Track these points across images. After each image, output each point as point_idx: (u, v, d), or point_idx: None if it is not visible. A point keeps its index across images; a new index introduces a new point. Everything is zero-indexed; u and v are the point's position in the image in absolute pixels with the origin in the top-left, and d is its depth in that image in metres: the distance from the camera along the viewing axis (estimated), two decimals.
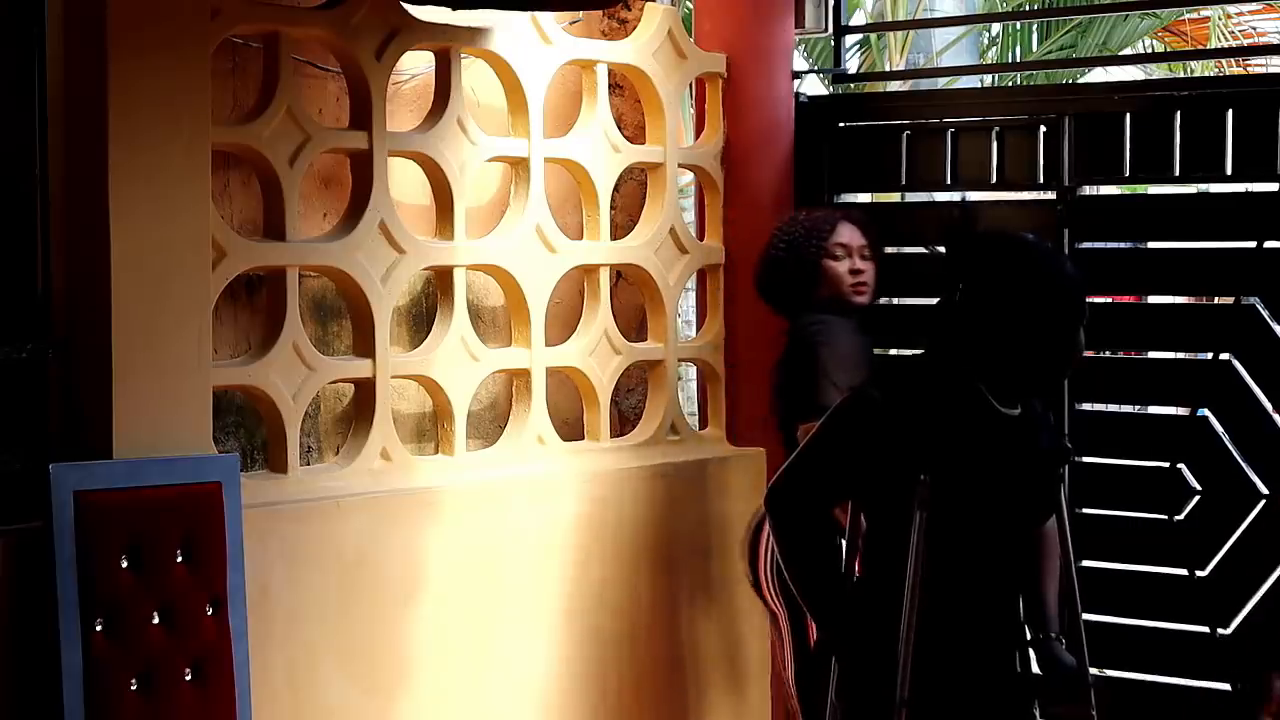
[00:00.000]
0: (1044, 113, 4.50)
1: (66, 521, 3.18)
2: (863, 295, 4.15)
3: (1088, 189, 4.65)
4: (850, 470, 2.96)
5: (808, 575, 3.01)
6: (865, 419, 2.95)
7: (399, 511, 3.85)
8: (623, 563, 4.35)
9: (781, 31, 4.79)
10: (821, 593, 3.01)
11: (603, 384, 4.42)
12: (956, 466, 2.88)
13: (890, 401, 2.95)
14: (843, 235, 4.14)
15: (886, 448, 2.91)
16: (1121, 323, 4.51)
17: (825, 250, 4.11)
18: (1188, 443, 4.32)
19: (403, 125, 4.09)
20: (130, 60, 3.33)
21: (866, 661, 2.95)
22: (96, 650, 3.20)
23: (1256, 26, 11.57)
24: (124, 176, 3.33)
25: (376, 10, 3.85)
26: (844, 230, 4.15)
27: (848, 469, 2.96)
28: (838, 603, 3.00)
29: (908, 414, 2.91)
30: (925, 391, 2.94)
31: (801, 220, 4.22)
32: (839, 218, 4.20)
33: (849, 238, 4.14)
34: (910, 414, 2.91)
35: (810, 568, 3.00)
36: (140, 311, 3.36)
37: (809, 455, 3.01)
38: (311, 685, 3.67)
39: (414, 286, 4.32)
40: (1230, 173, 4.28)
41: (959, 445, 2.89)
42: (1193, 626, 4.28)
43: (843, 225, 4.16)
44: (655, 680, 4.45)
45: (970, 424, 2.90)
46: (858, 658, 2.98)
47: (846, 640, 3.00)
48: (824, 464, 2.98)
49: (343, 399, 4.21)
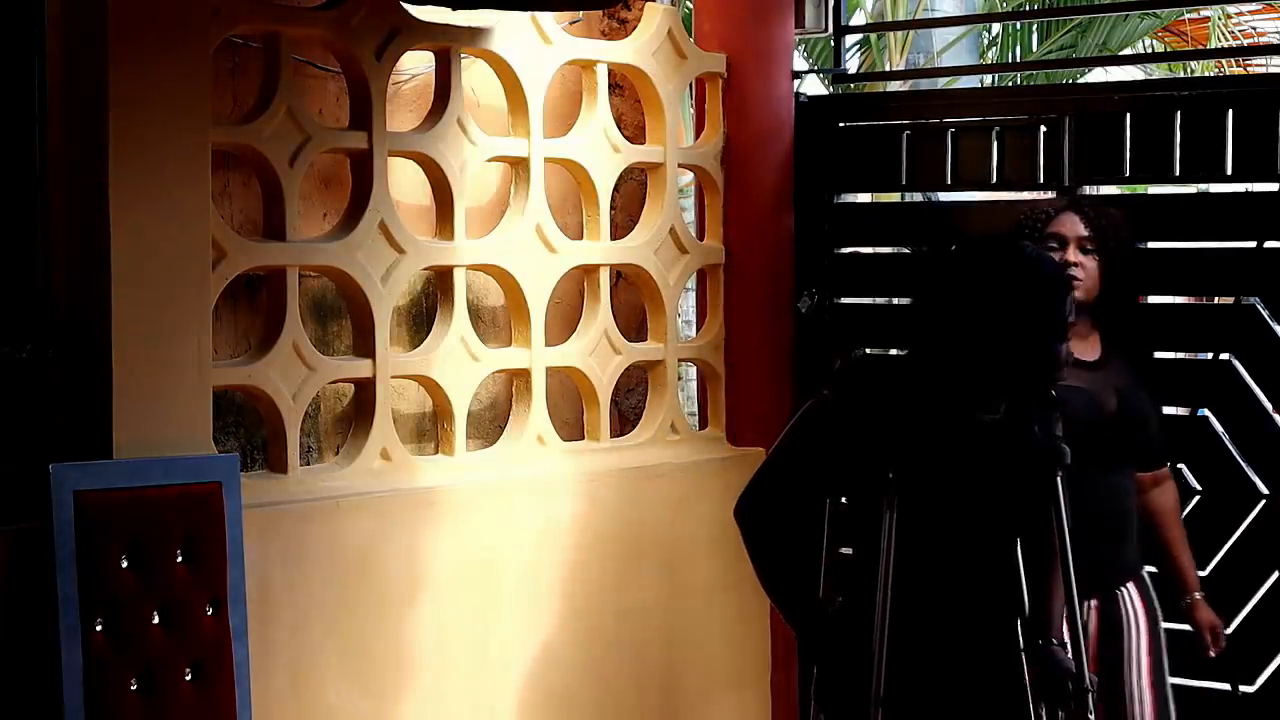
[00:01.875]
0: (1044, 113, 4.49)
1: (66, 521, 3.18)
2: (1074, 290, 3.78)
3: (1088, 189, 4.65)
4: (810, 474, 2.98)
5: (776, 582, 3.04)
6: (820, 422, 2.98)
7: (399, 511, 3.85)
8: (623, 563, 4.35)
9: (781, 31, 4.79)
10: (791, 599, 3.04)
11: (603, 384, 4.42)
12: (919, 467, 2.89)
13: (845, 402, 2.98)
14: (1061, 225, 3.85)
15: (844, 449, 2.93)
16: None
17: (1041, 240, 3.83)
18: (1188, 443, 4.31)
19: (403, 125, 4.09)
20: (130, 60, 3.33)
21: (843, 664, 2.97)
22: (96, 650, 3.20)
23: (1256, 26, 11.57)
24: (124, 176, 3.33)
25: (376, 10, 3.85)
26: (1064, 220, 3.85)
27: (808, 473, 2.98)
28: (808, 609, 3.02)
29: (864, 414, 2.93)
30: (885, 392, 2.95)
31: (1026, 207, 4.02)
32: (1063, 205, 3.92)
33: (1067, 227, 3.84)
34: (866, 414, 2.92)
35: (778, 575, 3.02)
36: (140, 311, 3.36)
37: (770, 463, 3.04)
38: (312, 685, 3.68)
39: (414, 286, 4.33)
40: (1230, 173, 4.28)
41: (921, 446, 2.90)
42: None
43: (1064, 214, 3.86)
44: (655, 680, 4.45)
45: (935, 426, 2.91)
46: (833, 661, 3.00)
47: (820, 646, 3.04)
48: (784, 470, 3.00)
49: (343, 399, 4.21)
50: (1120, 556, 3.80)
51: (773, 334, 4.76)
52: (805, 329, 4.80)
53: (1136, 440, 3.81)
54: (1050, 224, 3.85)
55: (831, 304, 4.81)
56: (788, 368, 4.77)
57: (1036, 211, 3.92)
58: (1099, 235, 3.82)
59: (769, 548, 3.01)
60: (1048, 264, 3.00)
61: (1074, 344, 3.69)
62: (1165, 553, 3.97)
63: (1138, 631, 3.80)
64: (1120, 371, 3.82)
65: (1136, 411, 3.80)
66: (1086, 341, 3.79)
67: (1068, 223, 3.84)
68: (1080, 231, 3.82)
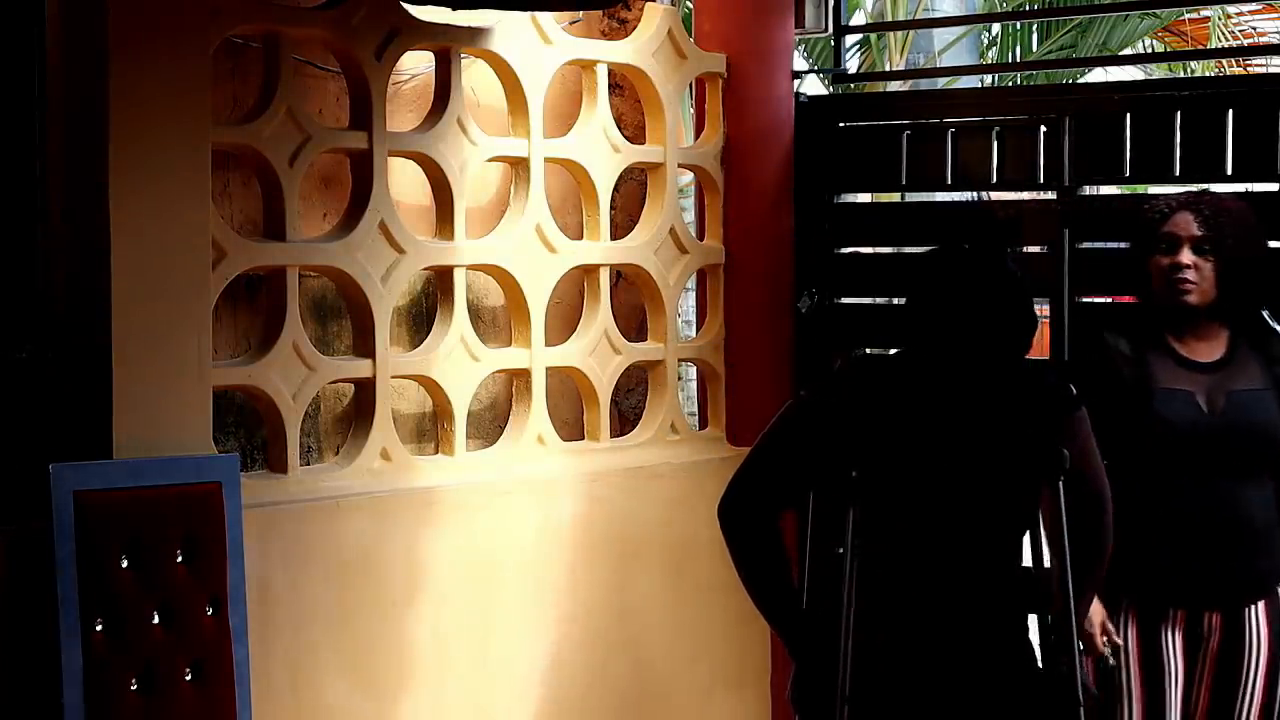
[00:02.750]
0: (1044, 113, 4.49)
1: (66, 521, 3.18)
2: (1186, 294, 3.59)
3: (1088, 189, 4.65)
4: (784, 473, 3.02)
5: (752, 581, 3.05)
6: (794, 421, 3.03)
7: (399, 511, 3.85)
8: (623, 563, 4.35)
9: (781, 31, 4.79)
10: (767, 598, 3.05)
11: (603, 384, 4.42)
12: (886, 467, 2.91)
13: (817, 403, 3.01)
14: (1175, 225, 3.64)
15: (813, 448, 2.97)
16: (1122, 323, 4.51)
17: (1154, 241, 3.66)
18: None
19: (403, 125, 4.09)
20: (130, 60, 3.33)
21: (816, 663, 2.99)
22: (96, 650, 3.20)
23: (1256, 26, 11.58)
24: (124, 176, 3.33)
25: (376, 10, 3.85)
26: (1178, 219, 3.64)
27: (782, 472, 3.02)
28: (785, 608, 3.05)
29: (832, 414, 2.96)
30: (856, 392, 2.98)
31: (1146, 205, 3.78)
32: (1178, 204, 3.67)
33: (1181, 227, 3.62)
34: (834, 414, 2.95)
35: (754, 574, 3.04)
36: (140, 311, 3.36)
37: (746, 463, 3.07)
38: (311, 685, 3.68)
39: (414, 286, 4.33)
40: (1230, 173, 4.27)
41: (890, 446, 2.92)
42: None
43: (1179, 214, 3.64)
44: (656, 680, 4.45)
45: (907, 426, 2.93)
46: (807, 660, 3.03)
47: (795, 645, 3.07)
48: (759, 470, 3.04)
49: (343, 399, 4.21)
50: (1237, 570, 3.55)
51: (773, 334, 4.76)
52: (805, 329, 4.80)
53: (1253, 444, 3.56)
54: (1164, 224, 3.65)
55: (831, 304, 4.81)
56: (788, 368, 4.77)
57: (1152, 210, 3.71)
58: (1216, 234, 3.60)
59: (746, 547, 3.03)
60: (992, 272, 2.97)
61: (1194, 344, 3.63)
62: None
63: (1257, 656, 3.58)
64: (1240, 374, 3.61)
65: (1250, 414, 3.55)
66: (1210, 343, 3.64)
67: (1181, 222, 3.63)
68: (1194, 231, 3.61)
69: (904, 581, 2.96)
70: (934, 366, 2.96)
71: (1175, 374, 3.59)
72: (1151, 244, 3.66)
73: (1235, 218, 3.64)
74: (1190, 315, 3.63)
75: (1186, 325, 3.65)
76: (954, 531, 2.96)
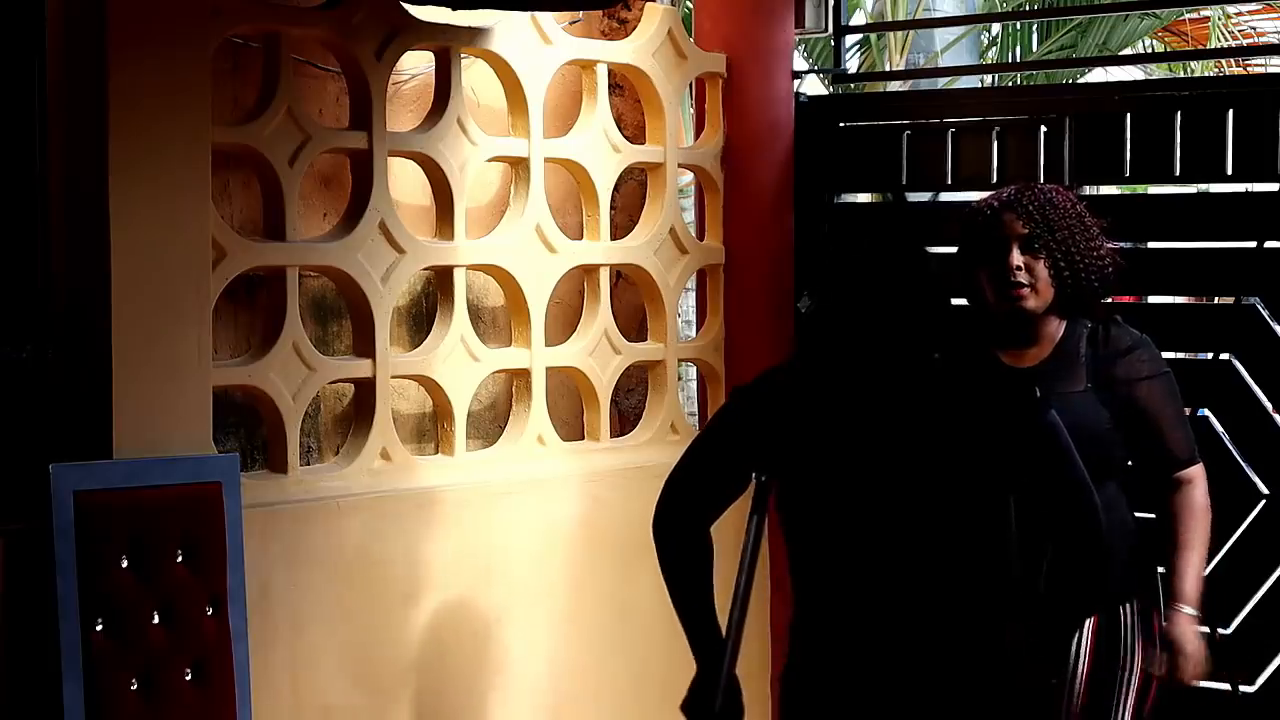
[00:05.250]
0: (1044, 113, 4.49)
1: (66, 521, 3.18)
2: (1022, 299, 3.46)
3: (1088, 189, 4.65)
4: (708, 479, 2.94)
5: (674, 596, 2.96)
6: (720, 423, 2.95)
7: (399, 511, 3.85)
8: (623, 563, 4.35)
9: (781, 31, 4.79)
10: (682, 610, 2.95)
11: (603, 384, 4.42)
12: (793, 470, 2.83)
13: (733, 409, 2.94)
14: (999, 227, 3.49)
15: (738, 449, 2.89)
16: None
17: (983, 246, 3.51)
18: None
19: (403, 125, 4.09)
20: (130, 60, 3.33)
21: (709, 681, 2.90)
22: (96, 650, 3.20)
23: (1256, 26, 11.59)
24: (124, 176, 3.33)
25: (376, 10, 3.85)
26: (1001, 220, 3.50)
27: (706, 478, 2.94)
28: (697, 622, 2.94)
29: (742, 420, 2.88)
30: (767, 395, 2.89)
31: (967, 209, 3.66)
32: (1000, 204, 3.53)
33: (1007, 228, 3.48)
34: (745, 419, 2.87)
35: (672, 586, 2.96)
36: (140, 311, 3.36)
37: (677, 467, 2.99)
38: (312, 685, 3.68)
39: (414, 286, 4.33)
40: (1230, 173, 4.28)
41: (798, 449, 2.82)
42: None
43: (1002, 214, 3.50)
44: (656, 681, 4.45)
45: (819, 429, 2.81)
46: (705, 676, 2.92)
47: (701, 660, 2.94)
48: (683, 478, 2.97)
49: (343, 399, 4.21)
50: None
51: (773, 334, 4.75)
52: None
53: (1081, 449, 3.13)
54: (989, 228, 3.48)
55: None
56: None
57: (974, 213, 3.55)
58: (1043, 230, 3.43)
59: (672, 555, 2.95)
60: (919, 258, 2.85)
61: (1023, 353, 3.47)
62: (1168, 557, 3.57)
63: (1131, 658, 3.47)
64: (1061, 377, 3.43)
65: (1073, 417, 3.15)
66: (1040, 347, 3.49)
67: (1006, 222, 3.46)
68: (1020, 230, 3.44)
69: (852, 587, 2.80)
70: (830, 369, 2.83)
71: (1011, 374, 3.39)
72: (978, 251, 3.49)
73: (1061, 210, 3.47)
74: (1027, 321, 3.47)
75: (1022, 332, 3.49)
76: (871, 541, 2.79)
